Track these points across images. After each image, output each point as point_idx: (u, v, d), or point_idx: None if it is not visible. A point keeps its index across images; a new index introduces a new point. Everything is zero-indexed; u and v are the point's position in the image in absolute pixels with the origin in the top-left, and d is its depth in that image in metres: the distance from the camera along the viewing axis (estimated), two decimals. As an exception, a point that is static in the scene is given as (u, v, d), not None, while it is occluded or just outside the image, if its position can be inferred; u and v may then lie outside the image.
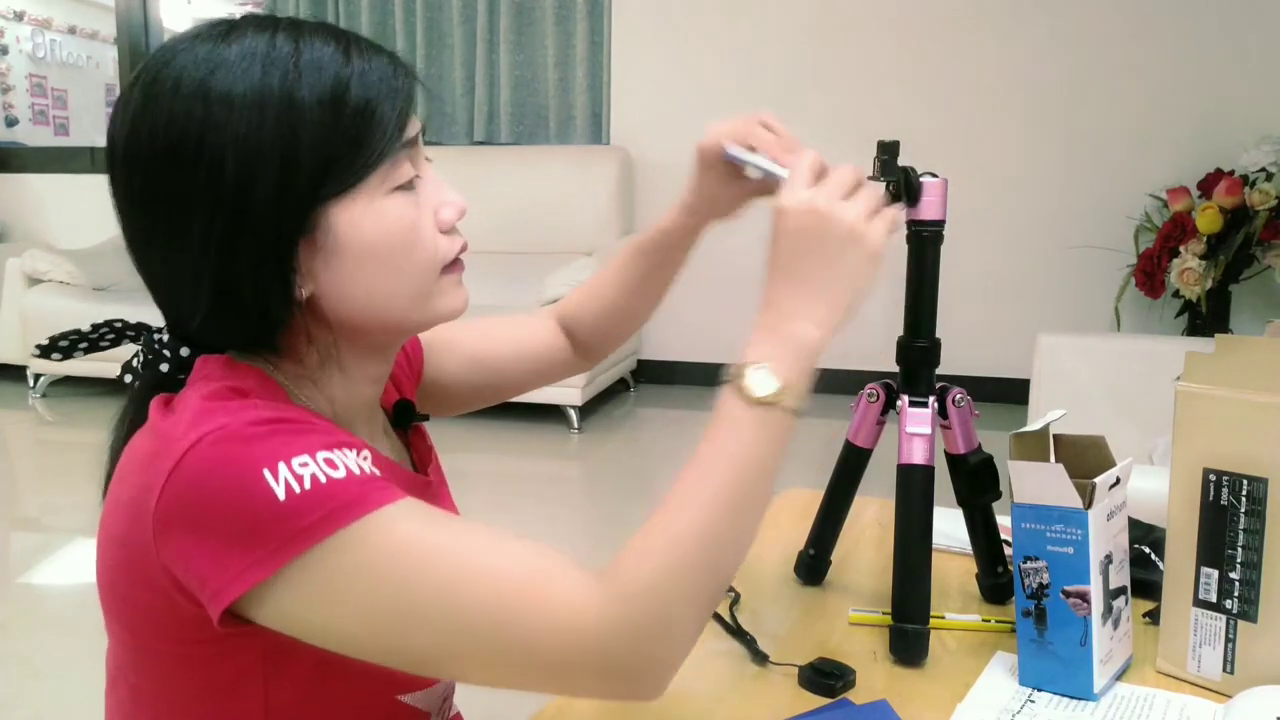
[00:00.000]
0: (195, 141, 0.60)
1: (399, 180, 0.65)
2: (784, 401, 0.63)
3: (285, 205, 0.61)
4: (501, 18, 4.65)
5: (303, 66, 0.61)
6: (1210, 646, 0.79)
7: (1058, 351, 2.71)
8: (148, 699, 0.68)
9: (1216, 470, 0.77)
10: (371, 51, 0.65)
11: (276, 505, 0.55)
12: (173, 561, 0.58)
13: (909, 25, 4.13)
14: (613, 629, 0.58)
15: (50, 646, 2.16)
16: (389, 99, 0.64)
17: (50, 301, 4.30)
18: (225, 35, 0.63)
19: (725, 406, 0.63)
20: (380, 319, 0.68)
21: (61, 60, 8.52)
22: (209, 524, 0.56)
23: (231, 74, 0.61)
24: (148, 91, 0.62)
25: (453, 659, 0.59)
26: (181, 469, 0.57)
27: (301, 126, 0.60)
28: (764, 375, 0.63)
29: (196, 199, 0.61)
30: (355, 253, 0.64)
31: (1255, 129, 3.74)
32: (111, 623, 0.68)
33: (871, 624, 0.91)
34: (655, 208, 4.59)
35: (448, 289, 0.70)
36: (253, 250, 0.62)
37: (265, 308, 0.64)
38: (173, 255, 0.64)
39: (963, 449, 0.92)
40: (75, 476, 3.54)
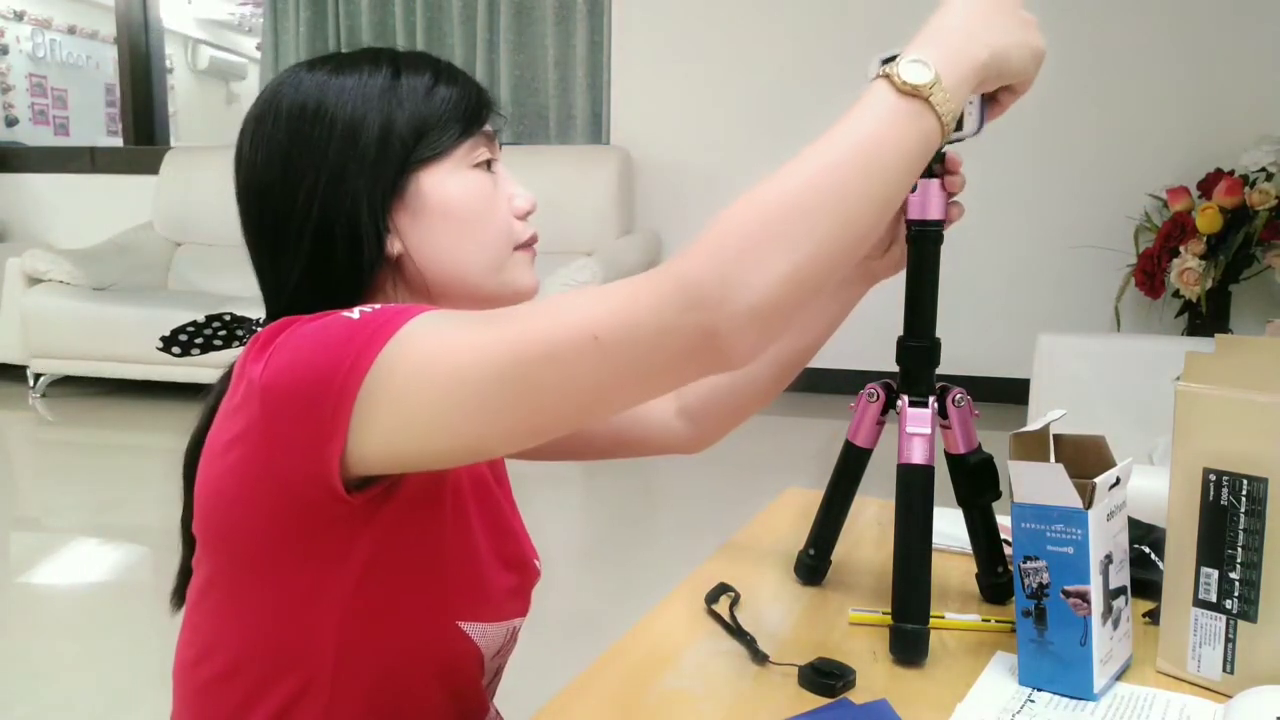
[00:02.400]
0: (313, 112, 0.73)
1: (479, 158, 0.77)
2: (934, 96, 0.61)
3: (383, 165, 0.72)
4: (501, 18, 4.65)
5: (403, 74, 0.75)
6: (1210, 646, 0.79)
7: (1058, 351, 2.71)
8: (230, 613, 0.72)
9: (1216, 470, 0.77)
10: (459, 72, 0.78)
11: (350, 324, 0.63)
12: (285, 435, 0.63)
13: (909, 24, 4.13)
14: (684, 274, 0.56)
15: (50, 646, 2.16)
16: (472, 95, 0.77)
17: (50, 301, 4.30)
18: (337, 63, 0.75)
19: (868, 93, 0.61)
20: (458, 280, 0.76)
21: (61, 60, 8.52)
22: (307, 373, 0.62)
23: (344, 76, 0.74)
24: (275, 90, 0.75)
25: (531, 399, 0.60)
26: (280, 346, 0.64)
27: (399, 104, 0.73)
28: (919, 67, 0.61)
29: (309, 159, 0.72)
30: (440, 213, 0.74)
31: (1255, 129, 3.74)
32: (208, 544, 0.72)
33: (871, 624, 0.91)
34: (655, 208, 4.60)
35: (520, 264, 0.79)
36: (352, 204, 0.72)
37: (359, 259, 0.72)
38: (284, 211, 0.73)
39: (963, 449, 0.92)
40: (75, 476, 3.55)
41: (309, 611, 0.69)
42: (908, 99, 0.61)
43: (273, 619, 0.70)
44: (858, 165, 0.59)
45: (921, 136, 0.61)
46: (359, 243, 0.72)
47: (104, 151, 5.42)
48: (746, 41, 4.44)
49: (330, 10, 4.93)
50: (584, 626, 2.10)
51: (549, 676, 0.87)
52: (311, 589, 0.69)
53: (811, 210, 0.58)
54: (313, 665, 0.70)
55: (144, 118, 5.37)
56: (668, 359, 0.58)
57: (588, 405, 0.61)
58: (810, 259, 0.57)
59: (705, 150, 4.54)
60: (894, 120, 0.61)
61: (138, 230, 4.91)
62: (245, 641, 0.72)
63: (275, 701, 0.71)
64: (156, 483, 3.40)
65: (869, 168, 0.59)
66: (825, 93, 4.31)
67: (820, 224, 0.58)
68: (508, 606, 0.80)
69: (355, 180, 0.72)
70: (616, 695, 0.78)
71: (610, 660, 0.83)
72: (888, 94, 0.61)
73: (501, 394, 0.60)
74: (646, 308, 0.57)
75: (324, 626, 0.70)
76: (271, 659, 0.71)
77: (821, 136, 0.60)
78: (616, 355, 0.58)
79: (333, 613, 0.69)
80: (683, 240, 4.89)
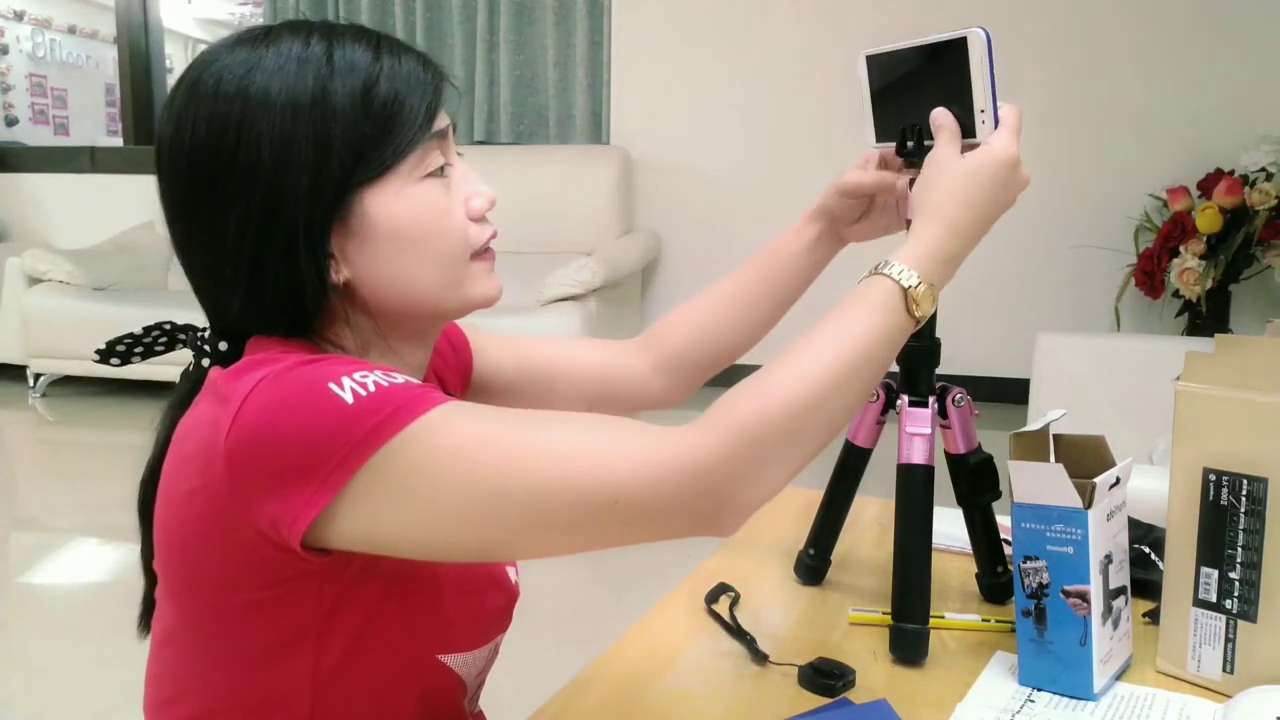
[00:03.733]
0: (234, 133, 0.64)
1: (429, 168, 0.69)
2: (920, 301, 0.68)
3: (318, 190, 0.65)
4: (501, 18, 4.65)
5: (335, 64, 0.65)
6: (1210, 646, 0.79)
7: (1058, 351, 2.71)
8: (199, 660, 0.69)
9: (1216, 470, 0.77)
10: (401, 50, 0.69)
11: (346, 409, 0.58)
12: (249, 497, 0.60)
13: (908, 24, 4.13)
14: (703, 465, 0.60)
15: (50, 646, 2.16)
16: (418, 91, 0.68)
17: (50, 301, 4.30)
18: (263, 39, 0.67)
19: (864, 290, 0.69)
20: (415, 303, 0.70)
21: (61, 60, 8.52)
22: (283, 454, 0.58)
23: (268, 74, 0.65)
24: (190, 92, 0.66)
25: (535, 535, 0.61)
26: (249, 403, 0.59)
27: (334, 118, 0.64)
28: (930, 297, 0.69)
29: (235, 186, 0.64)
30: (388, 236, 0.67)
31: (1255, 129, 3.74)
32: (172, 587, 0.69)
33: (871, 624, 0.91)
34: (655, 208, 4.61)
35: (479, 275, 0.73)
36: (287, 233, 0.65)
37: (299, 291, 0.66)
38: (213, 241, 0.66)
39: (962, 449, 0.92)
40: (75, 476, 3.55)
41: (281, 661, 0.67)
42: (909, 317, 0.69)
43: (244, 667, 0.68)
44: (854, 368, 0.65)
45: (902, 331, 0.69)
46: (298, 277, 0.66)
47: (104, 151, 5.41)
48: (746, 41, 4.44)
49: (330, 10, 4.93)
50: (583, 627, 2.10)
51: (546, 677, 0.87)
52: (282, 639, 0.66)
53: (811, 429, 0.63)
54: (291, 710, 0.68)
55: (144, 118, 5.38)
56: (668, 530, 0.62)
57: (579, 544, 0.63)
58: (812, 453, 0.64)
59: (705, 150, 4.54)
60: (881, 322, 0.67)
61: (138, 230, 4.91)
62: (217, 689, 0.69)
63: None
64: (156, 483, 3.40)
65: (864, 370, 0.66)
66: (825, 93, 4.31)
67: (818, 432, 0.63)
68: (489, 630, 0.78)
69: (290, 211, 0.64)
70: (616, 695, 0.78)
71: (610, 660, 0.83)
72: (899, 314, 0.68)
73: (508, 515, 0.60)
74: (669, 489, 0.60)
75: (299, 672, 0.67)
76: (248, 706, 0.69)
77: (826, 328, 0.66)
78: (628, 518, 0.60)
79: (306, 658, 0.67)
80: (683, 240, 4.88)
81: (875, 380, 0.67)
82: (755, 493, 0.61)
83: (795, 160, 4.42)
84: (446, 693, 0.76)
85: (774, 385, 0.62)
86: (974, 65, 0.76)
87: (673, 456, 0.60)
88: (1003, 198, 0.75)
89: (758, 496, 0.61)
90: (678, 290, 4.58)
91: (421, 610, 0.71)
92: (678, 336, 0.95)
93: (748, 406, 0.61)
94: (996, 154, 0.74)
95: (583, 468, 0.60)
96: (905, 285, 0.68)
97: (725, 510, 0.61)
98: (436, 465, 0.59)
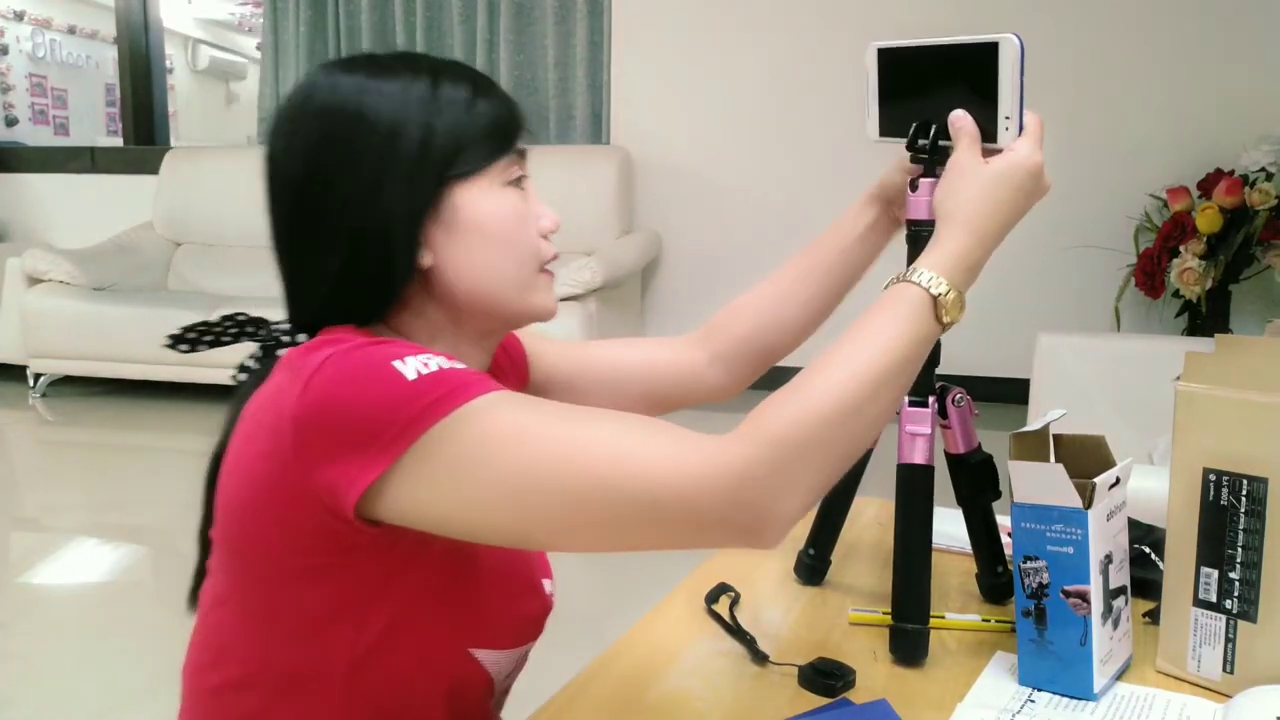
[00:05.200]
0: (351, 119, 0.71)
1: (512, 176, 0.76)
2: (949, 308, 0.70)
3: (419, 176, 0.71)
4: (501, 18, 4.65)
5: (445, 73, 0.74)
6: (1210, 646, 0.79)
7: (1058, 351, 2.71)
8: (242, 628, 0.73)
9: (1216, 470, 0.77)
10: (496, 87, 0.77)
11: (406, 385, 0.62)
12: (310, 462, 0.64)
13: (908, 24, 4.13)
14: (742, 474, 0.61)
15: (50, 646, 2.16)
16: (508, 110, 0.76)
17: (50, 301, 4.30)
18: (376, 61, 0.74)
19: (893, 297, 0.70)
20: (485, 298, 0.76)
21: (61, 60, 8.52)
22: (345, 422, 0.63)
23: (385, 76, 0.73)
24: (309, 87, 0.74)
25: (575, 528, 0.64)
26: (318, 375, 0.64)
27: (440, 114, 0.72)
28: (958, 304, 0.70)
29: (346, 165, 0.71)
30: (473, 229, 0.74)
31: (1255, 129, 3.73)
32: (226, 554, 0.73)
33: (871, 624, 0.91)
34: (655, 208, 4.60)
35: (542, 287, 0.79)
36: (386, 212, 0.71)
37: (390, 270, 0.72)
38: (317, 218, 0.72)
39: (962, 449, 0.92)
40: (75, 476, 3.54)
41: (322, 632, 0.70)
42: (938, 324, 0.70)
43: (285, 637, 0.71)
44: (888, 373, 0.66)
45: (931, 335, 0.70)
46: (392, 254, 0.72)
47: (104, 151, 5.41)
48: (746, 41, 4.44)
49: (330, 10, 4.93)
50: (583, 626, 2.09)
51: (548, 676, 0.87)
52: (325, 610, 0.69)
53: (849, 436, 0.64)
54: (324, 686, 0.71)
55: (144, 118, 5.37)
56: (706, 537, 0.63)
57: (617, 543, 0.65)
58: (847, 462, 0.65)
59: (705, 150, 4.54)
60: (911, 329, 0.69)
61: (138, 230, 4.90)
62: (258, 656, 0.72)
63: (285, 717, 0.72)
64: (156, 483, 3.40)
65: (898, 374, 0.67)
66: (825, 92, 4.31)
67: (855, 439, 0.65)
68: (522, 633, 0.81)
69: (391, 191, 0.71)
70: (616, 695, 0.78)
71: (610, 660, 0.83)
72: (929, 321, 0.69)
73: (547, 505, 0.63)
74: (706, 495, 0.61)
75: (337, 648, 0.70)
76: (284, 677, 0.71)
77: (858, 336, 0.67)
78: (666, 521, 0.62)
79: (346, 635, 0.70)
80: (683, 240, 4.86)
81: (906, 388, 0.68)
82: (793, 503, 0.62)
83: (795, 160, 4.42)
84: (474, 689, 0.78)
85: (809, 395, 0.63)
86: (1004, 71, 0.76)
87: (712, 463, 0.61)
88: (1023, 206, 0.75)
89: (796, 506, 0.63)
90: (678, 290, 4.58)
91: (460, 602, 0.74)
92: (738, 325, 0.97)
93: (784, 417, 0.62)
94: (1022, 162, 0.74)
95: (621, 466, 0.62)
96: (935, 293, 0.69)
97: (765, 520, 0.62)
98: (483, 448, 0.62)
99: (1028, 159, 0.74)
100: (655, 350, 0.98)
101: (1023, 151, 0.74)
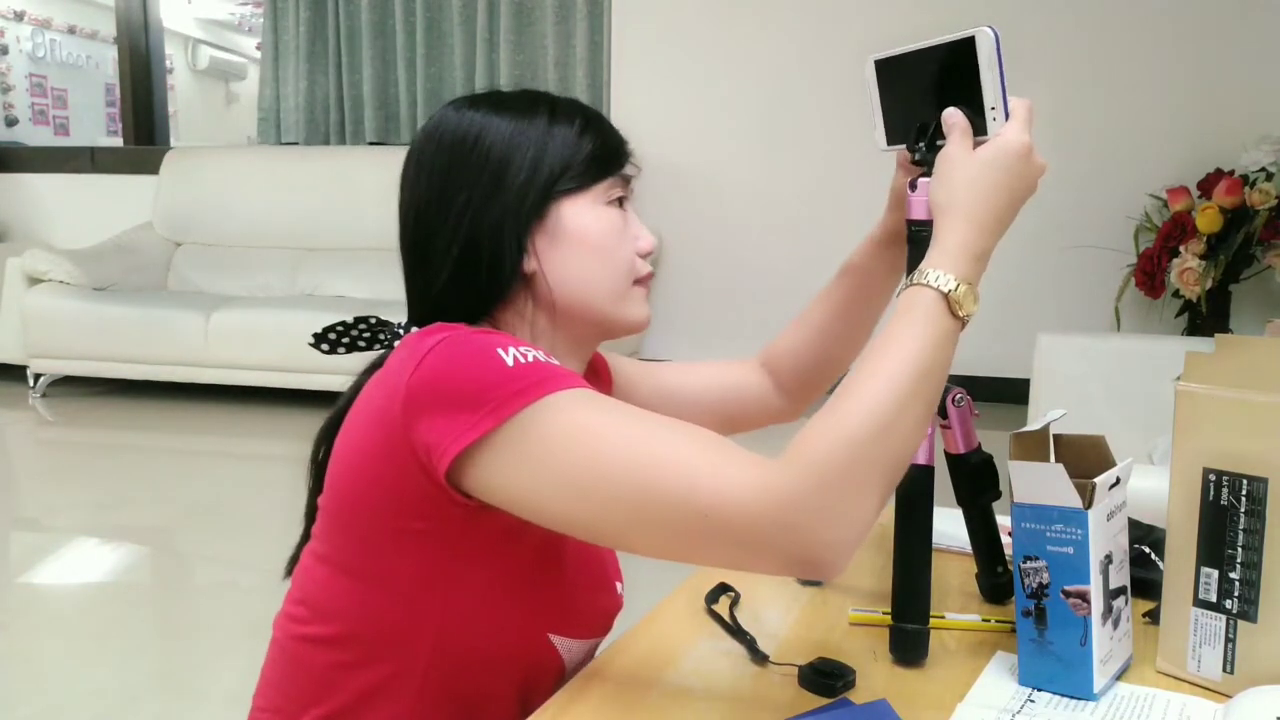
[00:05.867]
0: (474, 137, 0.81)
1: (613, 196, 0.85)
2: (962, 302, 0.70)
3: (528, 189, 0.80)
4: (501, 18, 4.65)
5: (560, 104, 0.84)
6: (1210, 646, 0.79)
7: (1058, 351, 2.71)
8: (338, 585, 0.79)
9: (1216, 470, 0.77)
10: (606, 123, 0.86)
11: (505, 369, 0.69)
12: (415, 431, 0.70)
13: (908, 25, 4.13)
14: (786, 499, 0.63)
15: (50, 646, 2.16)
16: (613, 140, 0.86)
17: (50, 301, 4.30)
18: (495, 102, 0.84)
19: (907, 303, 0.70)
20: (583, 304, 0.83)
21: (61, 60, 8.52)
22: (448, 393, 0.69)
23: (508, 103, 0.83)
24: (445, 110, 0.84)
25: (635, 528, 0.67)
26: (431, 355, 0.71)
27: (552, 137, 0.82)
28: (971, 298, 0.70)
29: (467, 176, 0.80)
30: (576, 240, 0.82)
31: (1255, 129, 3.73)
32: (331, 516, 0.79)
33: (871, 624, 0.91)
34: (655, 208, 4.60)
35: (637, 299, 0.86)
36: (498, 218, 0.80)
37: (499, 272, 0.80)
38: (439, 219, 0.81)
39: (963, 449, 0.92)
40: (75, 476, 3.54)
41: (414, 600, 0.75)
42: (956, 320, 0.70)
43: (379, 601, 0.76)
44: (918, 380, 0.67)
45: (954, 333, 0.71)
46: (500, 257, 0.80)
47: (104, 151, 5.41)
48: (746, 42, 4.44)
49: (330, 10, 4.93)
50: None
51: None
52: (418, 575, 0.75)
53: (893, 449, 0.65)
54: (409, 654, 0.76)
55: (144, 118, 5.37)
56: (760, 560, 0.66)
57: (678, 553, 0.67)
58: (895, 476, 0.67)
59: (705, 150, 4.54)
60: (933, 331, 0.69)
61: (138, 230, 4.91)
62: (351, 614, 0.78)
63: (369, 679, 0.78)
64: (156, 483, 3.40)
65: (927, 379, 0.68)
66: (825, 92, 4.31)
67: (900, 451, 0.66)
68: (596, 625, 0.86)
69: (503, 202, 0.80)
70: (616, 695, 0.78)
71: (610, 660, 0.83)
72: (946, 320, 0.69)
73: (609, 502, 0.67)
74: (752, 516, 0.63)
75: (427, 616, 0.76)
76: (372, 637, 0.77)
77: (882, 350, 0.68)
78: (717, 537, 0.65)
79: (436, 605, 0.75)
80: (683, 240, 4.87)
81: (939, 390, 0.70)
82: (844, 530, 0.63)
83: (796, 160, 4.42)
84: (548, 674, 0.82)
85: (845, 418, 0.64)
86: (983, 64, 0.76)
87: (755, 486, 0.63)
88: (1020, 187, 0.75)
89: (849, 533, 0.64)
90: (678, 290, 4.58)
91: (546, 586, 0.80)
92: (786, 358, 1.03)
93: (823, 443, 0.64)
94: (1006, 144, 0.74)
95: (678, 476, 0.65)
96: (945, 290, 0.70)
97: (815, 548, 0.63)
98: (561, 438, 0.67)
99: (1013, 141, 0.74)
100: (727, 374, 1.04)
101: (1008, 135, 0.75)
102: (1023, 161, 0.75)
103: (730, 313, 4.51)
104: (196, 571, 2.71)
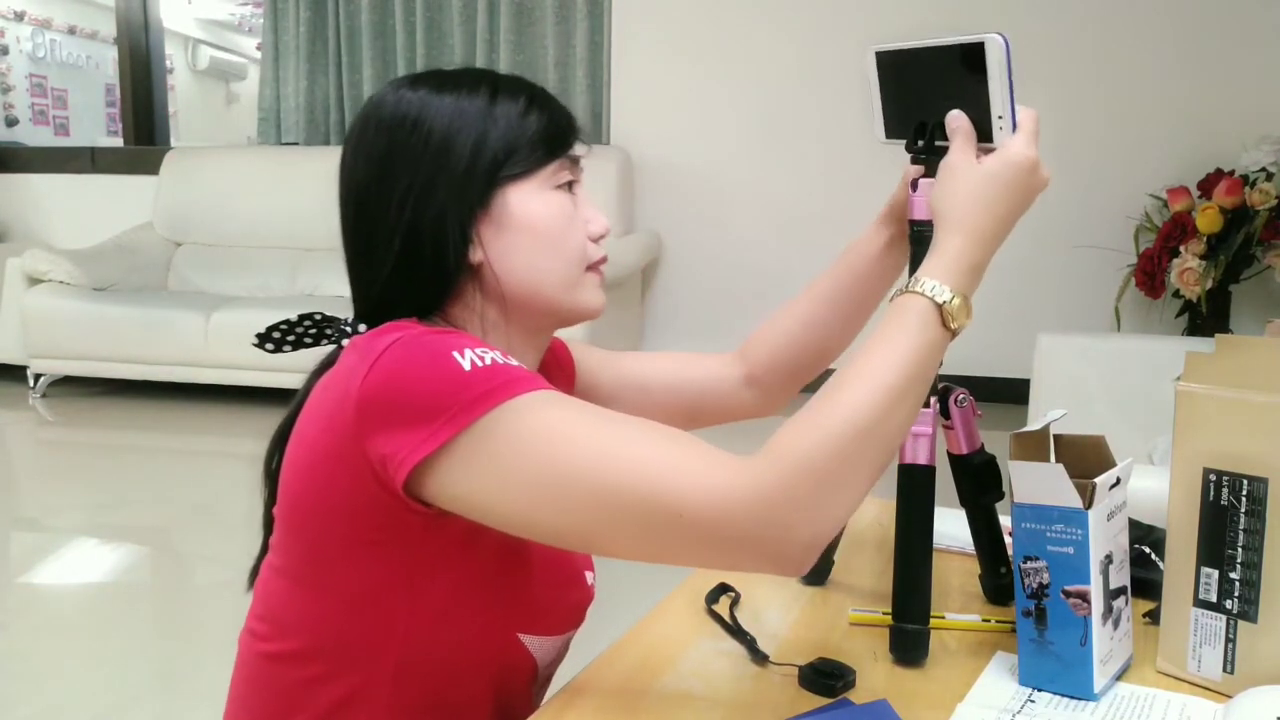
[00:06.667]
0: (411, 123, 0.77)
1: (562, 180, 0.80)
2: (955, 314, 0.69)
3: (471, 176, 0.76)
4: (501, 18, 4.65)
5: (502, 85, 0.79)
6: (1210, 646, 0.79)
7: (1058, 351, 2.71)
8: (298, 599, 0.76)
9: (1216, 470, 0.77)
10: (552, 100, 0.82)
11: (462, 374, 0.66)
12: (369, 442, 0.67)
13: (908, 25, 4.13)
14: (764, 496, 0.62)
15: (50, 646, 2.16)
16: (563, 118, 0.81)
17: (50, 301, 4.30)
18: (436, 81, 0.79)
19: (899, 310, 0.70)
20: (533, 294, 0.79)
21: (61, 60, 8.52)
22: (403, 403, 0.66)
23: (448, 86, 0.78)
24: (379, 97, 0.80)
25: (605, 530, 0.66)
26: (382, 360, 0.68)
27: (494, 121, 0.77)
28: (964, 311, 0.70)
29: (404, 165, 0.76)
30: (522, 227, 0.78)
31: (1255, 129, 3.73)
32: (286, 527, 0.77)
33: (871, 624, 0.91)
34: (655, 208, 4.61)
35: (589, 285, 0.82)
36: (440, 208, 0.76)
37: (443, 264, 0.76)
38: (379, 211, 0.77)
39: (965, 449, 0.92)
40: (75, 476, 3.54)
41: (376, 609, 0.73)
42: (946, 331, 0.70)
43: (339, 612, 0.74)
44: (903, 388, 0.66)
45: (942, 344, 0.70)
46: (444, 248, 0.76)
47: (104, 151, 5.41)
48: (746, 41, 4.44)
49: (330, 10, 4.92)
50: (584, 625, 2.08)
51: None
52: (377, 585, 0.72)
53: (871, 453, 0.65)
54: (376, 664, 0.74)
55: (144, 118, 5.37)
56: (735, 558, 0.65)
57: (649, 553, 0.66)
58: (870, 480, 0.66)
59: (705, 150, 4.54)
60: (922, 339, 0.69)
61: (138, 230, 4.90)
62: (313, 628, 0.75)
63: (337, 692, 0.75)
64: (156, 483, 3.40)
65: (912, 388, 0.67)
66: (825, 92, 4.31)
67: (878, 457, 0.66)
68: (566, 620, 0.84)
69: (445, 190, 0.76)
70: (616, 695, 0.78)
71: (610, 660, 0.83)
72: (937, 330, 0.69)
73: (578, 505, 0.65)
74: (729, 513, 0.62)
75: (391, 626, 0.73)
76: (337, 649, 0.75)
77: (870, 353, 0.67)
78: (692, 537, 0.64)
79: (399, 613, 0.73)
80: (683, 240, 4.86)
81: (921, 400, 0.69)
82: (815, 527, 0.63)
83: (795, 160, 4.42)
84: (520, 673, 0.81)
85: (827, 417, 0.64)
86: (992, 71, 0.75)
87: (732, 483, 0.62)
88: (1022, 200, 0.75)
89: (819, 531, 0.63)
90: (678, 290, 4.58)
91: (510, 587, 0.77)
92: (767, 348, 0.99)
93: (803, 441, 0.63)
94: (1014, 158, 0.74)
95: (649, 476, 0.63)
96: (939, 301, 0.69)
97: (787, 545, 0.63)
98: (524, 443, 0.65)
99: (1020, 155, 0.74)
100: (692, 365, 1.00)
101: (1015, 148, 0.74)
102: (1028, 175, 0.74)
103: (729, 312, 4.51)
104: (196, 571, 2.71)
